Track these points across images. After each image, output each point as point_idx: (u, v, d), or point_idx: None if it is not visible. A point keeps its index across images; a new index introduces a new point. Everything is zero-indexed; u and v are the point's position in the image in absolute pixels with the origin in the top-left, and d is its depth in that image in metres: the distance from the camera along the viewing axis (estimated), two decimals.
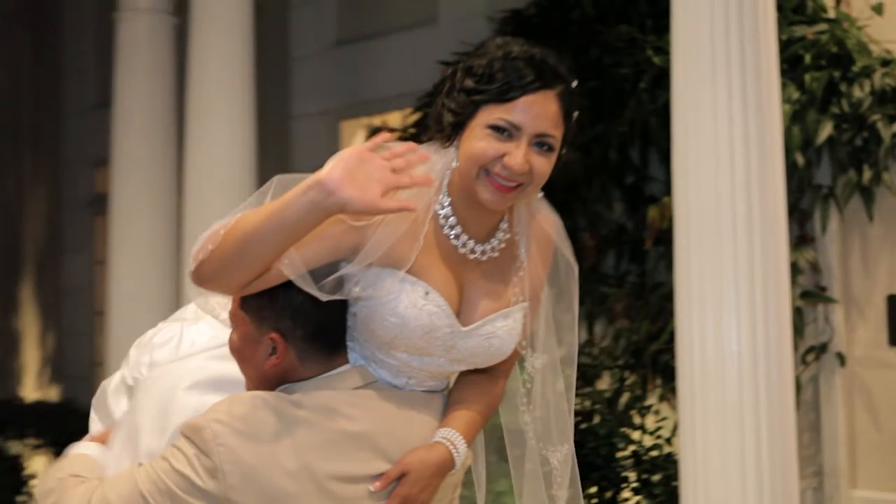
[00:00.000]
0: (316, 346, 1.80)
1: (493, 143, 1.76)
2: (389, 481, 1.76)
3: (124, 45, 5.47)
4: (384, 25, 6.68)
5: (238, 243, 1.69)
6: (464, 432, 1.87)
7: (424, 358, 1.86)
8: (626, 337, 4.84)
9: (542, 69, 1.79)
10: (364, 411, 1.78)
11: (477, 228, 1.87)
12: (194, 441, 1.71)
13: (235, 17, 5.01)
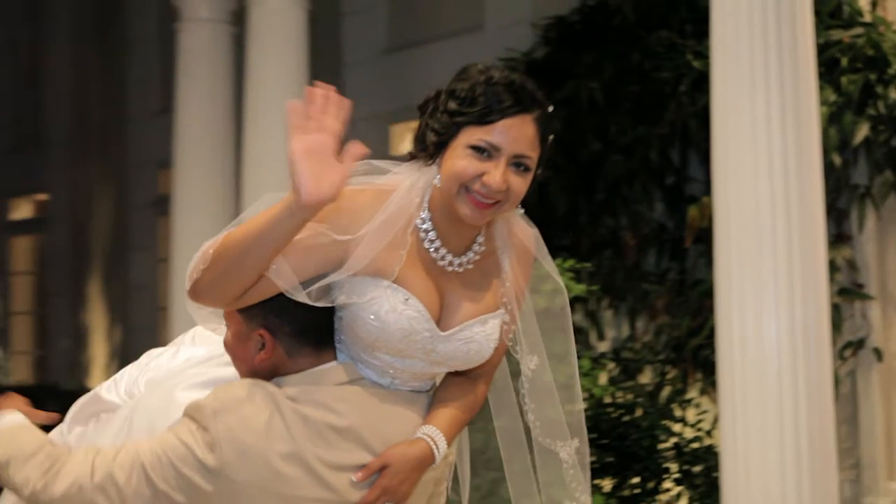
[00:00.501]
0: (302, 342, 1.85)
1: (473, 163, 1.80)
2: (371, 472, 1.81)
3: (186, 53, 5.49)
4: (432, 33, 6.68)
5: (227, 257, 1.75)
6: (445, 430, 1.92)
7: (406, 360, 1.90)
8: (667, 332, 4.80)
9: (520, 95, 1.83)
10: (350, 406, 1.83)
11: (456, 242, 1.91)
12: (196, 418, 1.77)
13: (290, 26, 5.03)
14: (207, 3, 5.43)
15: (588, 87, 4.97)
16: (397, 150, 6.92)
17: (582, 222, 5.14)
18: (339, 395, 1.83)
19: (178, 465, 1.74)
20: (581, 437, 2.14)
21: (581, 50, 5.23)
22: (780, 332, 3.24)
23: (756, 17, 3.32)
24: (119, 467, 1.76)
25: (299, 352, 1.86)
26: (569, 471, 2.14)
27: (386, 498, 1.84)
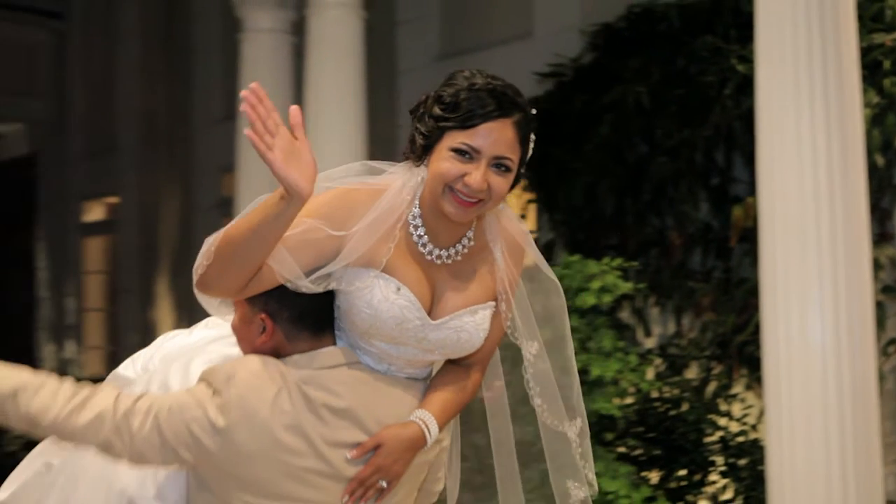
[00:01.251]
0: (300, 327, 1.92)
1: (455, 164, 1.85)
2: (365, 451, 1.87)
3: (248, 62, 5.54)
4: (483, 40, 6.67)
5: (231, 249, 1.81)
6: (437, 415, 1.97)
7: (400, 347, 1.96)
8: (713, 329, 4.75)
9: (501, 100, 1.88)
10: (348, 389, 1.89)
11: (443, 237, 1.97)
12: (210, 382, 1.84)
13: (348, 35, 5.05)
14: (269, 14, 5.48)
15: (634, 91, 4.94)
16: None
17: (629, 222, 5.11)
18: (339, 377, 1.89)
19: (189, 423, 1.80)
20: (582, 416, 2.19)
21: (628, 55, 5.20)
22: (824, 330, 3.21)
23: (800, 21, 3.29)
24: (136, 412, 1.81)
25: (298, 336, 1.92)
26: (577, 450, 2.19)
27: (379, 476, 1.89)
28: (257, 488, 1.83)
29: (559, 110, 5.45)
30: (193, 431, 1.80)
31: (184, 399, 1.83)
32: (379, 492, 1.91)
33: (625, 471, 4.00)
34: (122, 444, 1.82)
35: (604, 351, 4.00)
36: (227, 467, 1.82)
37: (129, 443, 1.81)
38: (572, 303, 4.00)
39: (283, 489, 1.84)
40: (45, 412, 1.81)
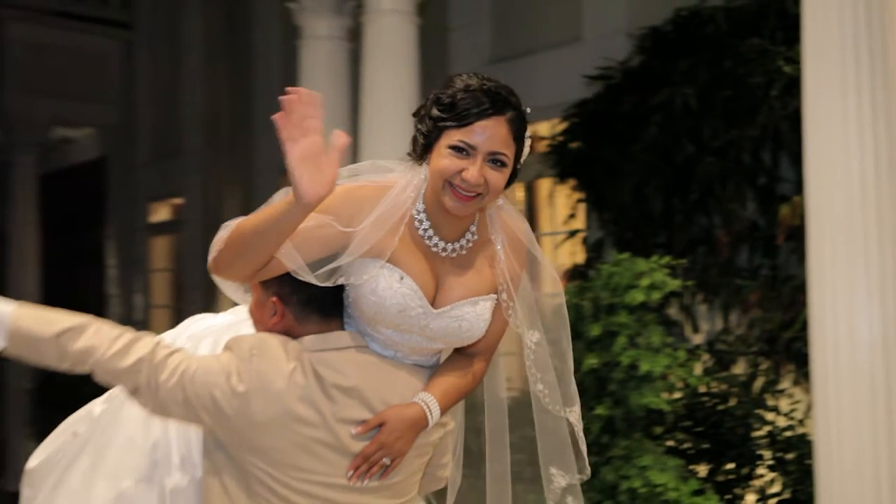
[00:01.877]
0: (308, 310, 2.00)
1: (453, 161, 1.91)
2: (369, 428, 1.94)
3: (306, 68, 5.57)
4: (533, 44, 6.65)
5: (241, 241, 1.89)
6: (439, 398, 2.02)
7: (404, 334, 2.02)
8: (760, 326, 4.69)
9: (494, 98, 1.94)
10: (356, 370, 1.96)
11: (447, 231, 2.03)
12: (234, 351, 1.94)
13: (402, 41, 5.06)
14: (326, 21, 5.51)
15: (682, 92, 4.89)
16: None
17: (677, 221, 5.06)
18: (348, 359, 1.97)
19: (212, 388, 1.88)
20: (578, 404, 2.26)
21: (675, 58, 5.15)
22: (872, 326, 3.18)
23: (847, 22, 3.25)
24: (167, 366, 1.90)
25: (306, 318, 2.00)
26: (578, 434, 2.25)
27: (382, 452, 1.94)
28: (267, 456, 1.89)
29: (608, 112, 5.42)
30: (215, 396, 1.88)
31: (210, 364, 1.91)
32: (382, 469, 1.95)
33: (673, 464, 3.97)
34: (149, 393, 1.90)
35: (653, 347, 3.97)
36: (242, 432, 1.89)
37: (154, 393, 1.89)
38: (621, 299, 3.97)
39: (292, 459, 1.90)
40: (88, 354, 1.89)
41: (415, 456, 2.03)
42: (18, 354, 1.93)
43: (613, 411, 4.00)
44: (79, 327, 1.92)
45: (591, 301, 4.08)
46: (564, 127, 5.71)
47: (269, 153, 8.87)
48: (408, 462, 2.01)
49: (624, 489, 3.93)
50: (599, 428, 4.04)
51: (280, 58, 8.77)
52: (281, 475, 1.90)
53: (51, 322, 1.91)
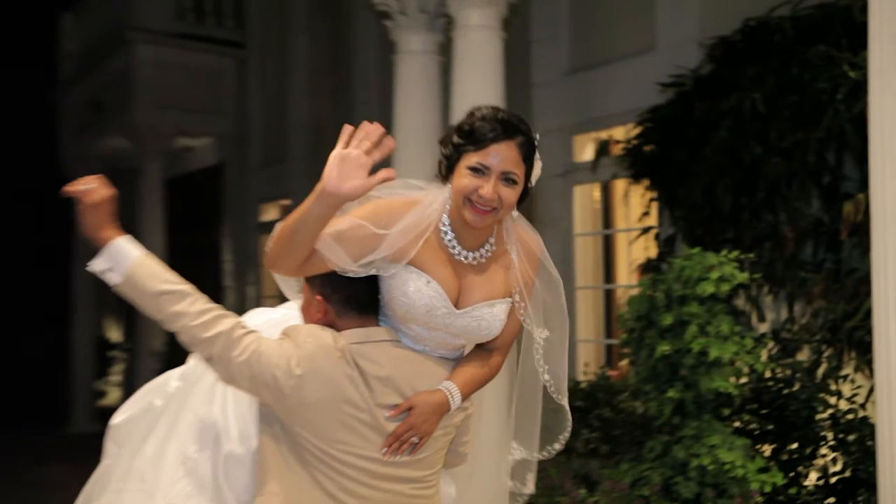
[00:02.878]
0: (347, 308, 2.17)
1: (472, 180, 2.06)
2: (400, 411, 2.10)
3: (401, 80, 5.63)
4: (609, 54, 6.62)
5: (284, 238, 2.07)
6: (461, 386, 2.18)
7: (431, 331, 2.17)
8: (824, 316, 4.61)
9: (505, 125, 2.08)
10: (390, 361, 2.12)
11: (469, 241, 2.17)
12: (293, 338, 2.11)
13: (489, 54, 5.10)
14: (420, 37, 5.56)
15: (750, 97, 4.82)
16: (580, 158, 6.88)
17: (745, 218, 5.00)
18: (383, 351, 2.13)
19: (274, 369, 2.05)
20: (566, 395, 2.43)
21: (744, 65, 5.08)
22: None
23: None
24: (240, 344, 2.07)
25: (346, 315, 2.17)
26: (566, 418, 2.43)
27: (412, 432, 2.11)
28: (315, 430, 2.06)
29: (680, 117, 5.37)
30: (276, 375, 2.04)
31: (274, 348, 2.08)
32: (412, 446, 2.12)
33: (740, 443, 3.94)
34: (222, 365, 2.07)
35: (721, 335, 3.94)
36: (295, 409, 2.06)
37: (225, 365, 2.07)
38: (693, 291, 3.95)
39: (335, 434, 2.07)
40: (177, 319, 2.07)
41: (440, 435, 2.19)
42: (126, 295, 2.12)
43: (684, 394, 3.98)
44: (179, 293, 2.08)
45: (663, 292, 4.07)
46: (639, 131, 5.67)
47: None
48: (433, 440, 2.17)
49: (694, 466, 3.91)
50: (671, 410, 4.03)
51: (377, 71, 8.88)
52: (326, 447, 2.07)
53: (160, 280, 2.09)
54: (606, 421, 5.31)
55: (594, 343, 6.83)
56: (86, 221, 2.13)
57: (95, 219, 2.13)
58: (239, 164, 11.28)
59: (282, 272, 2.19)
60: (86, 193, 2.13)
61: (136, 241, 2.16)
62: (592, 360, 6.75)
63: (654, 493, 3.97)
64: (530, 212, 7.32)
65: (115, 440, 2.41)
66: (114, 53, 11.04)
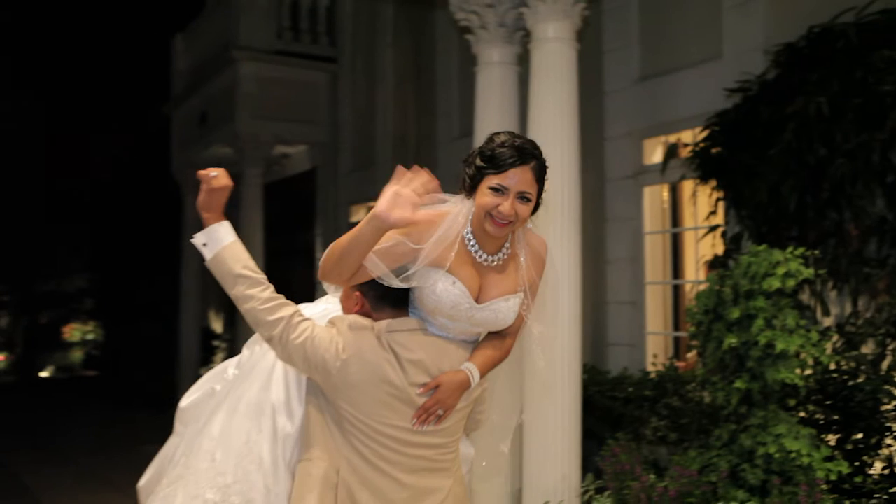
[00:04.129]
0: (382, 303, 2.41)
1: (493, 198, 2.30)
2: (428, 389, 2.34)
3: (481, 90, 5.62)
4: (677, 63, 6.51)
5: (336, 255, 2.31)
6: (479, 366, 2.42)
7: (455, 322, 2.39)
8: (888, 310, 4.44)
9: (522, 152, 2.30)
10: (420, 346, 2.35)
11: (488, 247, 2.40)
12: (338, 326, 2.34)
13: (563, 64, 5.05)
14: (498, 49, 5.54)
15: (816, 100, 4.67)
16: (649, 160, 6.78)
17: (810, 216, 4.84)
18: (414, 338, 2.36)
19: (324, 353, 2.28)
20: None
21: (809, 70, 4.92)
22: None
23: None
24: (297, 329, 2.30)
25: (381, 308, 2.41)
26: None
27: (438, 406, 2.34)
28: (355, 404, 2.30)
29: (746, 121, 5.24)
30: (325, 358, 2.28)
31: (325, 334, 2.31)
32: (437, 418, 2.36)
33: (806, 433, 3.83)
34: (280, 346, 2.30)
35: (787, 328, 3.83)
36: (338, 387, 2.29)
37: (283, 347, 2.30)
38: (759, 286, 3.85)
39: (373, 408, 2.30)
40: (248, 300, 2.30)
41: (461, 408, 2.43)
42: (213, 270, 2.35)
43: (751, 385, 3.88)
44: (254, 280, 2.32)
45: (731, 287, 3.97)
46: (706, 134, 5.55)
47: (448, 163, 9.02)
48: (455, 412, 2.41)
49: (760, 454, 3.82)
50: (738, 399, 3.94)
51: (458, 82, 8.90)
52: (365, 418, 2.30)
53: (241, 265, 2.32)
54: (674, 410, 5.22)
55: (662, 335, 6.72)
56: (202, 201, 2.35)
57: (210, 201, 2.35)
58: (330, 169, 11.44)
59: (332, 282, 2.44)
60: (211, 179, 2.34)
61: (232, 229, 2.36)
62: (661, 351, 6.64)
63: (722, 479, 3.89)
64: (601, 211, 7.26)
65: (181, 420, 2.65)
66: (220, 70, 11.31)
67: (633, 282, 6.77)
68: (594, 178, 6.86)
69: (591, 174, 6.66)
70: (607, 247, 6.96)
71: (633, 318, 6.75)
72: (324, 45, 11.34)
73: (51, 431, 12.57)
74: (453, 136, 8.99)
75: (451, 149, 8.97)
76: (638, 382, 5.84)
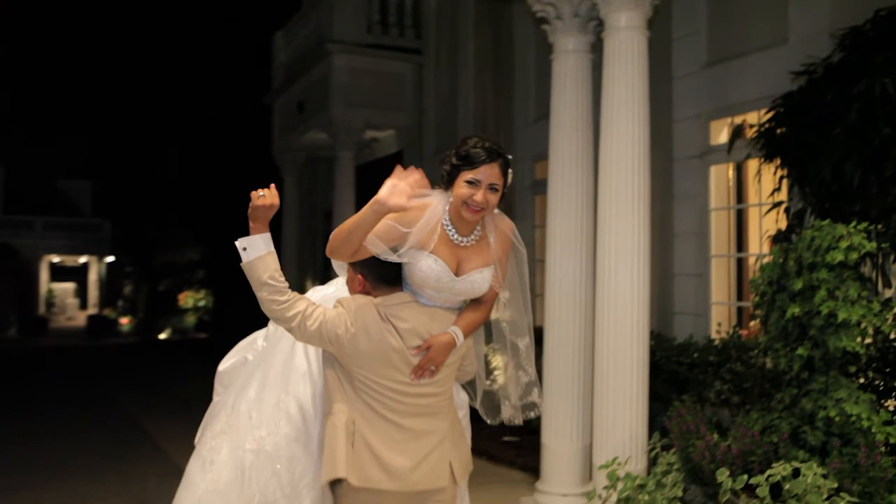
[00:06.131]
0: (379, 283, 2.72)
1: (468, 190, 2.62)
2: (421, 350, 2.64)
3: (557, 76, 5.58)
4: (744, 48, 6.33)
5: (343, 234, 2.61)
6: (463, 328, 2.70)
7: (440, 293, 2.68)
8: None
9: (490, 152, 2.63)
10: (411, 315, 2.67)
11: (463, 230, 2.69)
12: (345, 305, 2.66)
13: (635, 52, 4.98)
14: (573, 38, 5.49)
15: (881, 81, 4.49)
16: (715, 141, 6.62)
17: (872, 193, 4.67)
18: (407, 309, 2.67)
19: (336, 329, 2.61)
20: (531, 336, 2.92)
21: (874, 53, 4.72)
22: None
23: None
24: (312, 317, 2.61)
25: (379, 287, 2.73)
26: (523, 353, 2.90)
27: (430, 363, 2.64)
28: (365, 367, 2.62)
29: (811, 102, 5.07)
30: (338, 334, 2.60)
31: (334, 315, 2.63)
32: (431, 372, 2.66)
33: (866, 398, 3.73)
34: (299, 332, 2.62)
35: (849, 299, 3.72)
36: (350, 355, 2.61)
37: (302, 332, 2.62)
38: (822, 258, 3.75)
39: (380, 369, 2.62)
40: (269, 303, 2.61)
41: (450, 363, 2.72)
42: (245, 272, 2.62)
43: (813, 352, 3.80)
44: (276, 288, 2.61)
45: (794, 260, 3.88)
46: (771, 115, 5.39)
47: (525, 145, 8.99)
48: (445, 367, 2.70)
49: (821, 417, 3.74)
50: (800, 365, 3.86)
51: (535, 70, 8.85)
52: (373, 376, 2.62)
53: (268, 275, 2.60)
54: (737, 374, 5.13)
55: (726, 305, 6.60)
56: (251, 213, 2.61)
57: (256, 215, 2.62)
58: (415, 151, 11.50)
59: (338, 258, 2.71)
60: (259, 198, 2.61)
61: (270, 240, 2.64)
62: (725, 320, 6.52)
63: (783, 440, 3.82)
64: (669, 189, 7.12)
65: (220, 382, 3.04)
66: (316, 63, 11.47)
67: (698, 255, 6.65)
68: (662, 158, 6.74)
69: (660, 154, 6.55)
70: (674, 222, 6.85)
71: (699, 288, 6.65)
72: (410, 37, 11.38)
73: (168, 385, 13.11)
74: (530, 119, 8.94)
75: (528, 131, 8.93)
76: (702, 349, 5.76)
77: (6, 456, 7.84)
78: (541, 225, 8.39)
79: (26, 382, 15.07)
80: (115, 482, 6.65)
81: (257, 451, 2.73)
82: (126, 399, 11.76)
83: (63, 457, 7.81)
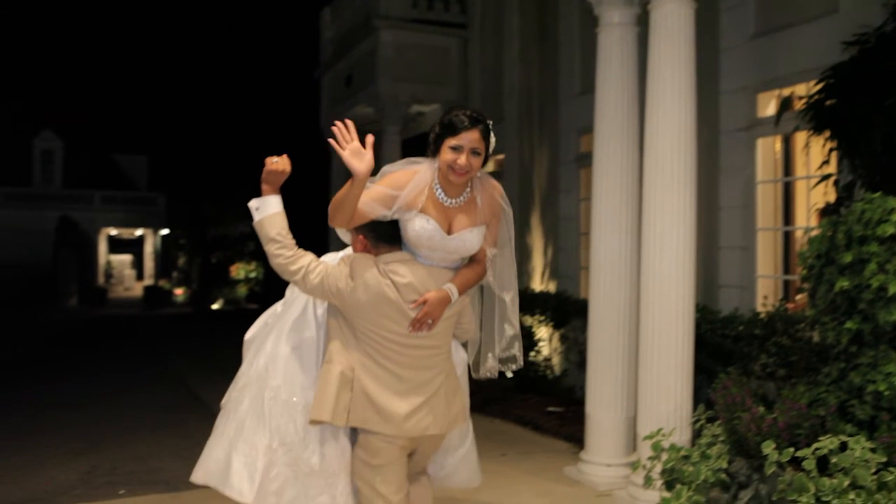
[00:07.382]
0: (379, 242, 2.90)
1: (452, 155, 2.78)
2: (418, 304, 2.80)
3: (603, 49, 5.49)
4: (793, 18, 6.14)
5: (337, 203, 2.79)
6: (458, 286, 2.87)
7: (434, 251, 2.85)
8: None
9: (472, 119, 2.78)
10: (409, 271, 2.83)
11: (451, 192, 2.86)
12: (347, 262, 2.84)
13: (681, 24, 4.87)
14: (618, 11, 5.40)
15: None
16: (762, 113, 6.47)
17: None
18: (406, 266, 2.83)
19: (338, 282, 2.79)
20: (515, 291, 3.07)
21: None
22: None
23: None
24: (315, 272, 2.81)
25: (379, 246, 2.90)
26: (509, 306, 3.07)
27: (426, 316, 2.80)
28: (365, 318, 2.79)
29: (862, 73, 4.91)
30: (339, 286, 2.79)
31: (335, 270, 2.82)
32: (427, 326, 2.81)
33: None
34: (304, 284, 2.81)
35: None
36: (351, 306, 2.79)
37: (306, 284, 2.81)
38: (873, 232, 3.66)
39: (379, 320, 2.79)
40: (276, 257, 2.80)
41: (446, 317, 2.88)
42: (256, 229, 2.83)
43: (862, 326, 3.72)
44: (283, 243, 2.79)
45: (843, 233, 3.78)
46: (821, 87, 5.24)
47: (570, 118, 8.89)
48: (442, 321, 2.86)
49: (870, 391, 3.67)
50: (848, 339, 3.78)
51: (579, 44, 8.72)
52: (373, 327, 2.79)
53: (276, 231, 2.79)
54: (784, 348, 5.06)
55: (773, 279, 6.48)
56: (265, 177, 2.81)
57: (269, 178, 2.81)
58: None
59: (338, 225, 2.87)
60: (272, 163, 2.79)
61: (280, 202, 2.84)
62: (771, 293, 6.41)
63: (830, 413, 3.76)
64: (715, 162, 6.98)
65: (246, 349, 3.25)
66: (363, 38, 11.47)
67: (744, 228, 6.53)
68: (708, 130, 6.61)
69: (706, 126, 6.42)
70: (720, 195, 6.73)
71: (744, 261, 6.54)
72: (455, 12, 11.29)
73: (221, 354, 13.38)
74: (574, 92, 8.83)
75: (572, 104, 8.82)
76: (748, 322, 5.67)
77: (70, 414, 8.12)
78: (586, 198, 8.31)
79: (88, 348, 15.53)
80: (172, 445, 6.84)
81: (274, 398, 2.96)
82: (179, 364, 12.05)
83: (124, 418, 8.06)
